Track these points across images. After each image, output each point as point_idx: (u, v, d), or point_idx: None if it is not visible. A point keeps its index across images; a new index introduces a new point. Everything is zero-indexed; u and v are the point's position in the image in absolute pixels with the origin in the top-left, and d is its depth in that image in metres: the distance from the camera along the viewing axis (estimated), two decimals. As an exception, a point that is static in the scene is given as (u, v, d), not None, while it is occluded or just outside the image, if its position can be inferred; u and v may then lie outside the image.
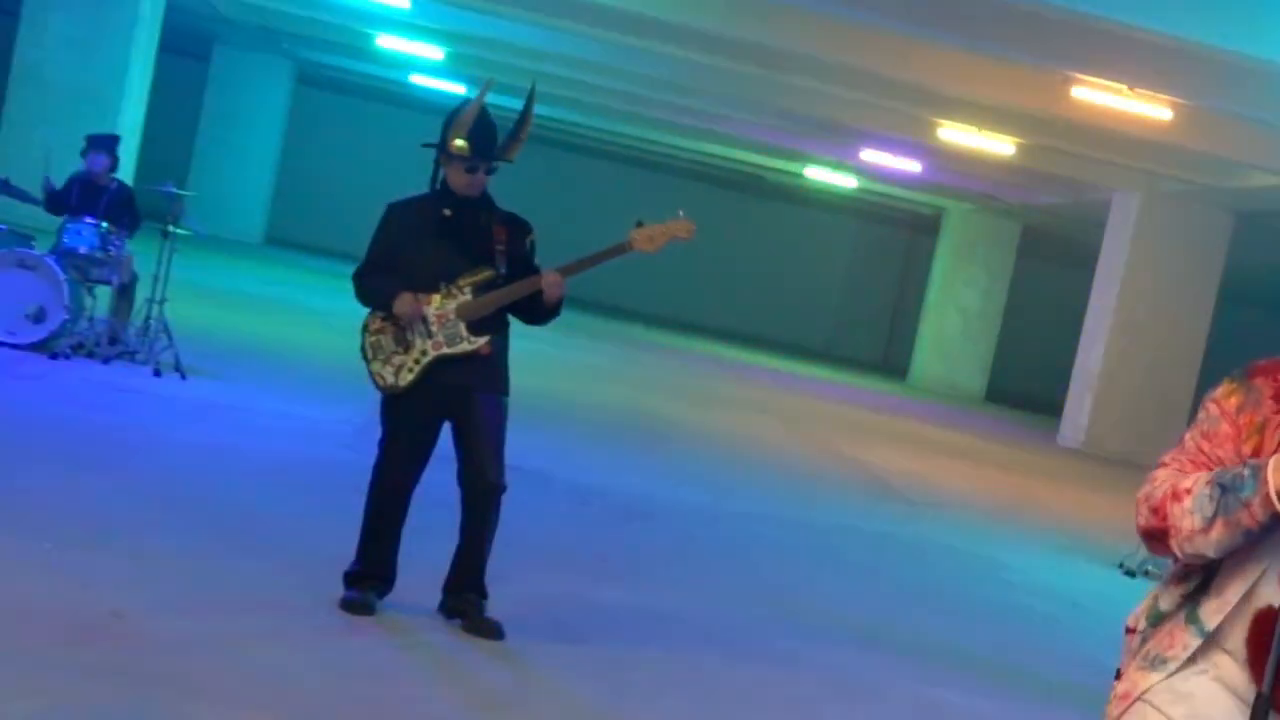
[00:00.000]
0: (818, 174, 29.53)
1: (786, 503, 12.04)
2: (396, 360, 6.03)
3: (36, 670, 4.79)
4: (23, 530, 6.36)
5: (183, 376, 11.14)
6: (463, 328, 5.99)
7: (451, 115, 6.12)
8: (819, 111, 21.38)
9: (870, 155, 24.99)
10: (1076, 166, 21.73)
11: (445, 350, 5.99)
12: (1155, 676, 2.93)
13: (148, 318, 11.48)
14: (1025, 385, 32.45)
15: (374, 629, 5.94)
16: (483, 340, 6.01)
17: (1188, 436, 2.97)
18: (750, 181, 33.59)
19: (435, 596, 6.20)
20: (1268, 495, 2.70)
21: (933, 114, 19.82)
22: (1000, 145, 20.67)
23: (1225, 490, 2.76)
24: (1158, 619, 3.00)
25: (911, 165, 25.14)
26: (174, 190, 11.83)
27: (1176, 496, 2.85)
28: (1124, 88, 15.34)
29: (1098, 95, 15.90)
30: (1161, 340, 22.18)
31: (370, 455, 6.28)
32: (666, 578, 8.24)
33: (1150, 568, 11.69)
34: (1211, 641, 2.89)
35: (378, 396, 6.22)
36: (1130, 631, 3.08)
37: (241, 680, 5.11)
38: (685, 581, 8.25)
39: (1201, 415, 2.97)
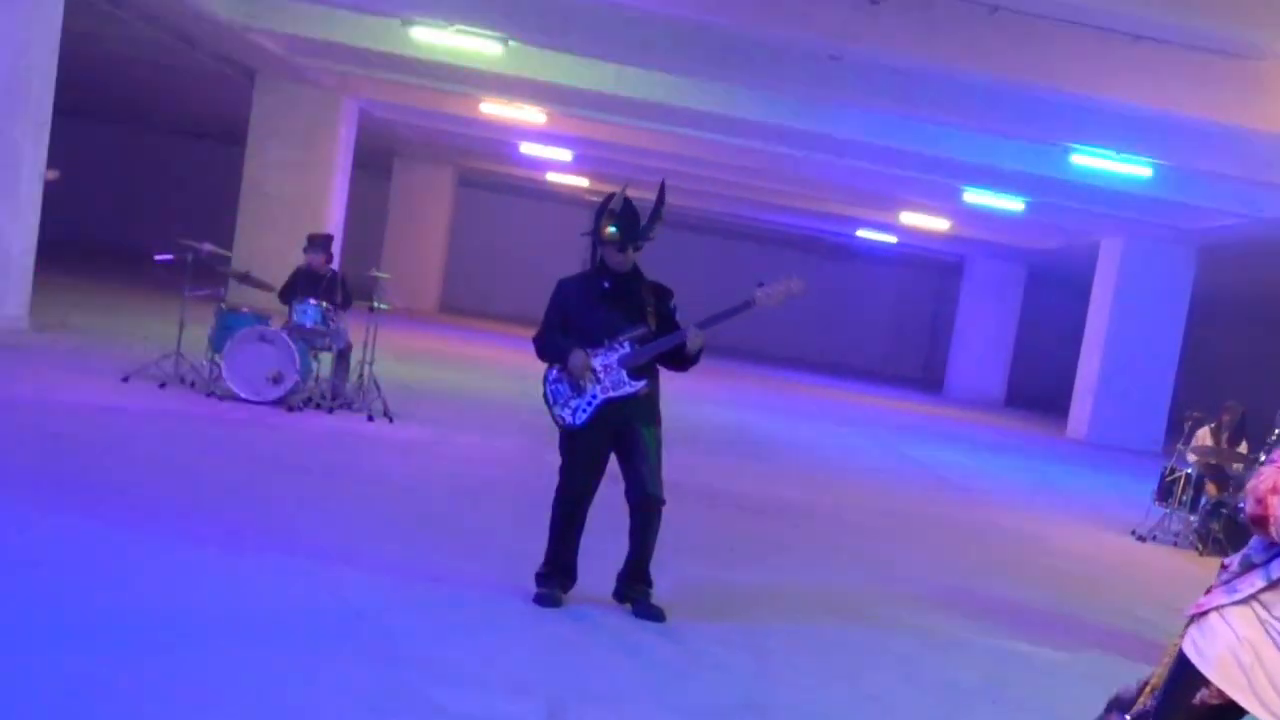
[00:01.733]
0: (866, 234, 29.18)
1: (867, 494, 11.76)
2: (573, 404, 5.90)
3: (310, 659, 4.67)
4: (279, 546, 6.28)
5: (391, 420, 11.08)
6: (625, 375, 5.85)
7: (601, 208, 5.98)
8: (868, 186, 21.14)
9: (908, 217, 24.63)
10: (1073, 217, 21.27)
11: (612, 394, 5.85)
12: (1226, 599, 3.00)
13: (361, 376, 11.46)
14: (1037, 391, 31.83)
15: (563, 616, 5.78)
16: (641, 384, 5.87)
17: None
18: (814, 243, 33.33)
19: (608, 586, 6.04)
20: None
21: (959, 182, 19.49)
22: (1013, 204, 20.25)
23: None
24: (1249, 566, 3.02)
25: (941, 223, 24.74)
26: (376, 274, 11.83)
27: (1276, 490, 2.82)
28: (1112, 152, 14.99)
29: (1090, 160, 15.56)
30: (1145, 352, 21.77)
31: (543, 476, 6.14)
32: (784, 561, 8.01)
33: (1158, 534, 11.28)
34: (1273, 587, 2.94)
35: (554, 429, 6.09)
36: (1224, 567, 3.11)
37: (463, 658, 4.96)
38: (799, 563, 8.02)
39: None
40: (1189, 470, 11.24)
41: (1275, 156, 14.16)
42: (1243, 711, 2.99)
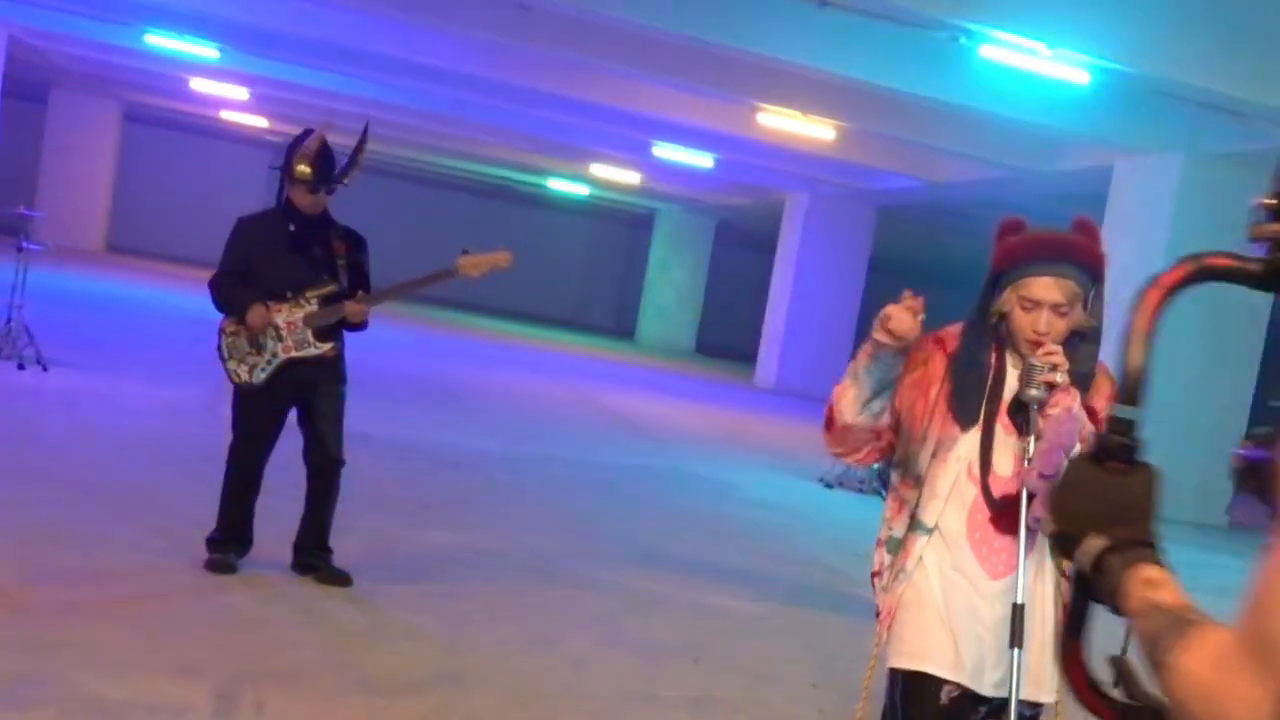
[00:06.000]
0: (558, 184, 29.07)
1: (564, 445, 11.57)
2: (251, 360, 5.39)
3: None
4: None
5: (44, 369, 10.09)
6: (310, 334, 5.39)
7: (294, 143, 5.46)
8: (559, 136, 20.95)
9: (599, 170, 24.64)
10: (760, 174, 21.77)
11: (295, 354, 5.38)
12: (902, 588, 2.84)
13: (9, 320, 10.38)
14: (726, 340, 32.74)
15: (239, 586, 5.29)
16: (328, 346, 5.43)
17: None
18: (504, 191, 32.97)
19: (287, 552, 5.59)
20: (874, 338, 2.76)
21: (649, 137, 19.56)
22: (701, 159, 20.53)
23: (851, 359, 2.86)
24: (896, 546, 2.89)
25: (632, 177, 24.88)
26: (26, 212, 10.73)
27: (843, 393, 2.88)
28: (798, 114, 15.34)
29: (777, 120, 15.88)
30: (828, 304, 22.59)
31: (219, 429, 5.62)
32: (479, 518, 7.71)
33: (844, 481, 11.65)
34: (935, 534, 2.82)
35: (221, 379, 5.55)
36: (875, 575, 2.95)
37: (125, 641, 4.43)
38: (495, 520, 7.74)
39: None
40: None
41: (947, 124, 14.82)
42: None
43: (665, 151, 20.27)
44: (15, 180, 23.71)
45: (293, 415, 5.51)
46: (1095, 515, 1.38)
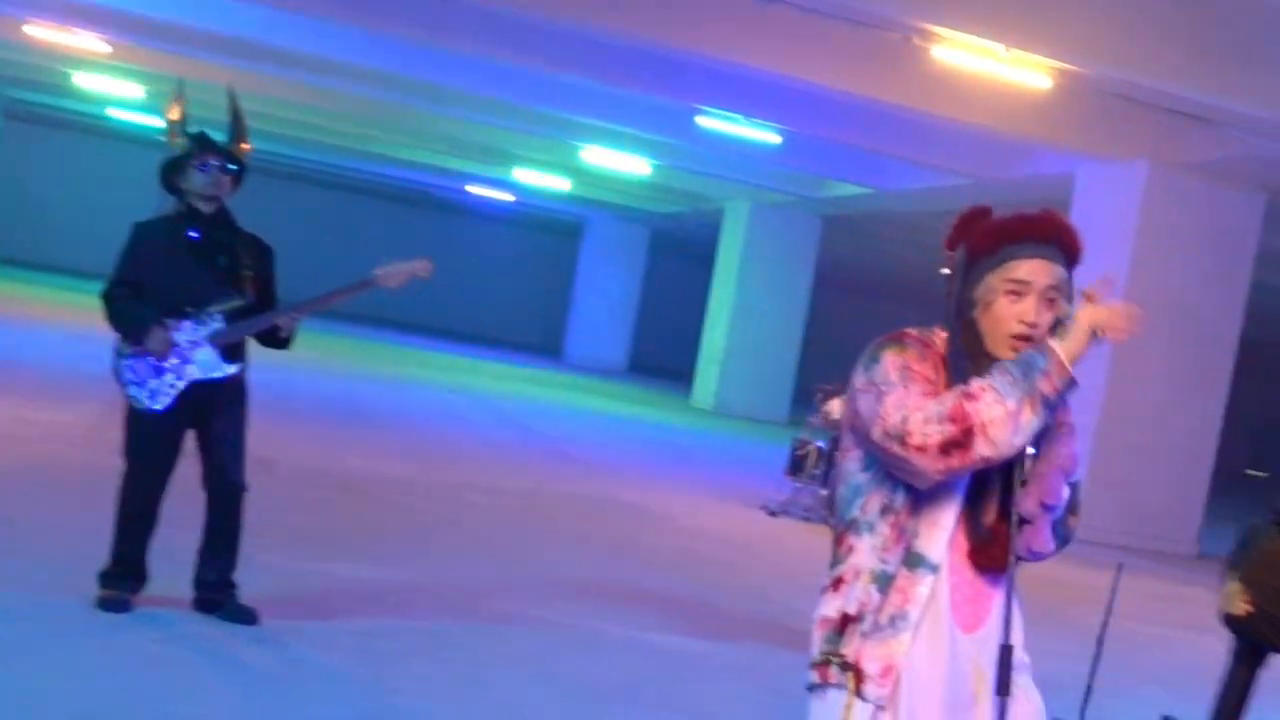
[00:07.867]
0: (478, 190, 28.96)
1: (485, 472, 11.51)
2: (152, 384, 5.29)
3: None
4: None
5: (-86, 388, 9.88)
6: (216, 355, 5.31)
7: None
8: (478, 139, 20.91)
9: (524, 175, 24.60)
10: (698, 182, 21.86)
11: (199, 376, 5.30)
12: (905, 638, 2.52)
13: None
14: (661, 358, 32.83)
15: (136, 625, 5.19)
16: (237, 367, 5.36)
17: (895, 379, 2.52)
18: (422, 197, 32.82)
19: (187, 588, 5.48)
20: (1060, 362, 2.42)
21: (579, 141, 19.57)
22: (639, 165, 20.56)
23: (1024, 370, 2.44)
24: (886, 582, 2.55)
25: (561, 183, 24.87)
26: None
27: (971, 397, 2.43)
28: (740, 117, 15.41)
29: (718, 124, 15.94)
30: (771, 319, 22.70)
31: (103, 452, 5.51)
32: (396, 550, 7.64)
33: (790, 509, 11.69)
34: (939, 574, 2.54)
35: (111, 398, 5.44)
36: (853, 619, 2.58)
37: (16, 686, 4.32)
38: (413, 552, 7.68)
39: (892, 373, 2.54)
40: (820, 444, 11.69)
41: (899, 129, 14.98)
42: None
43: (596, 156, 20.27)
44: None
45: (190, 439, 5.43)
46: None
